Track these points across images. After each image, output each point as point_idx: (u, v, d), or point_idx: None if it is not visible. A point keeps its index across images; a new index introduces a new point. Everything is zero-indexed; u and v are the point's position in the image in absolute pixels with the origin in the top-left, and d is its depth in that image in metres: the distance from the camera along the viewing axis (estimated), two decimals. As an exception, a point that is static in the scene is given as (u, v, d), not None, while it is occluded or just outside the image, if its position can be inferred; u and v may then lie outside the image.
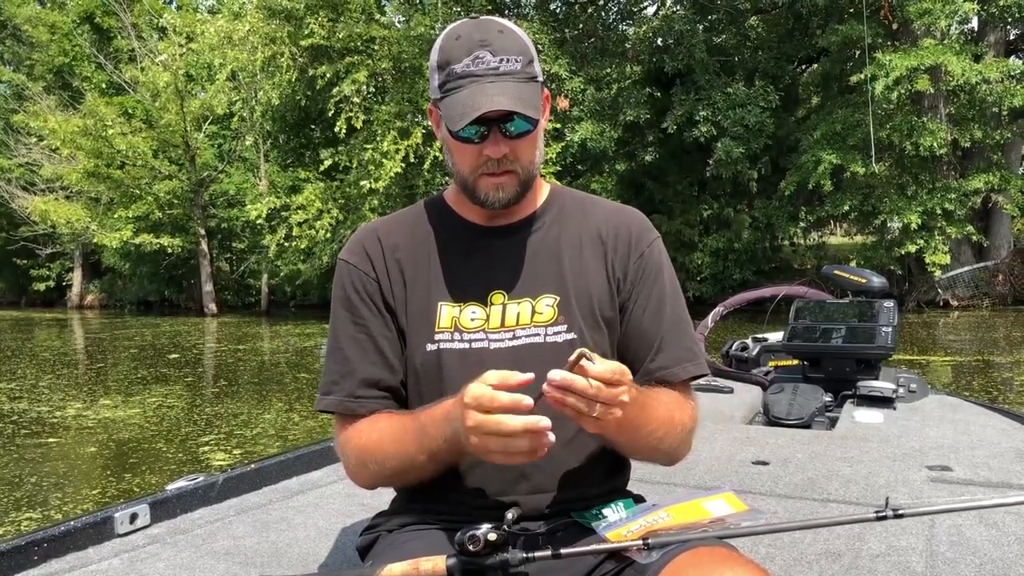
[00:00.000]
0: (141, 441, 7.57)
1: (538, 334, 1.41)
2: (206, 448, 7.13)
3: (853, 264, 16.96)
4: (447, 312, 1.44)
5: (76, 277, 36.94)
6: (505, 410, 1.16)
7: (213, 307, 29.38)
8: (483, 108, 1.30)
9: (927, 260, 18.00)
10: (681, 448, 1.46)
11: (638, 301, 1.47)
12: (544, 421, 1.15)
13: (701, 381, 1.58)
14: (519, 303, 1.44)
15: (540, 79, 1.41)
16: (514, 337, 1.41)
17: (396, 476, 1.42)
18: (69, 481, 6.32)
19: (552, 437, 1.17)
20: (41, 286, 37.07)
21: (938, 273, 18.43)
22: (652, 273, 1.49)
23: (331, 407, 1.46)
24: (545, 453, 1.19)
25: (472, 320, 1.43)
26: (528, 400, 1.16)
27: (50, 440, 7.77)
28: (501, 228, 1.49)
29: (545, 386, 1.15)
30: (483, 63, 1.34)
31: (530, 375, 1.17)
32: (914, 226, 17.51)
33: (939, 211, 17.72)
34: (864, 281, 4.08)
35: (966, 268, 19.19)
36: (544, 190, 1.55)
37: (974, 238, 18.64)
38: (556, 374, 1.14)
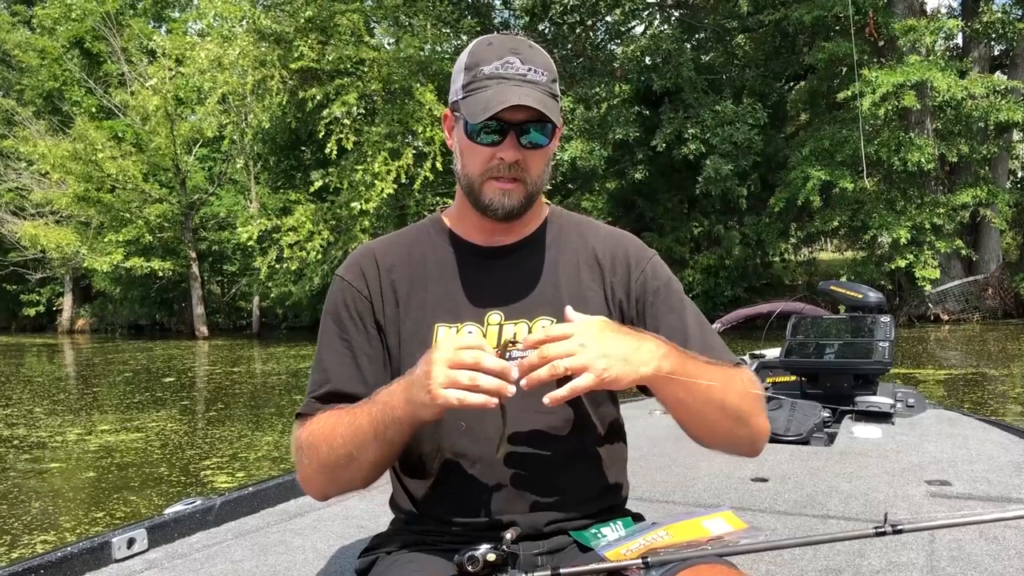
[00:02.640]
0: (143, 465, 7.54)
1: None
2: (208, 472, 7.11)
3: (844, 279, 17.02)
4: (444, 332, 1.44)
5: (66, 302, 36.72)
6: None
7: (204, 330, 29.25)
8: (509, 102, 1.32)
9: (917, 275, 18.08)
10: (753, 410, 1.39)
11: (655, 304, 1.47)
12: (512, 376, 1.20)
13: None
14: (516, 324, 1.44)
15: (560, 101, 1.42)
16: (510, 358, 1.41)
17: (343, 465, 1.36)
18: (77, 504, 6.33)
19: (512, 390, 1.19)
20: (31, 311, 36.86)
21: (928, 287, 18.50)
22: (662, 282, 1.50)
23: (301, 410, 1.45)
24: (498, 402, 1.20)
25: None
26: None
27: (52, 465, 7.75)
28: (499, 248, 1.50)
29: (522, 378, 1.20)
30: (512, 68, 1.36)
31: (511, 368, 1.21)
32: (903, 241, 17.58)
33: (928, 226, 17.83)
34: (860, 296, 4.09)
35: (956, 282, 19.26)
36: (543, 212, 1.56)
37: (963, 252, 18.73)
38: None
